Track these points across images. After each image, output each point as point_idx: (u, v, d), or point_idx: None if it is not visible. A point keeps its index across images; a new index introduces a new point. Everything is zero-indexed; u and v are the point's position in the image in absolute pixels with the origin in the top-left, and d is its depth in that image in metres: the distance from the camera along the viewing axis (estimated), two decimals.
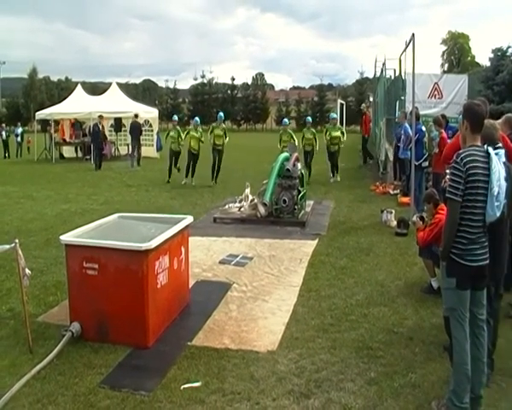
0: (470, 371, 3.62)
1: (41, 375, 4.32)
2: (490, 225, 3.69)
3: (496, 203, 3.57)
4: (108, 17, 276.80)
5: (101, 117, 21.51)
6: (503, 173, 3.63)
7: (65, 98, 27.33)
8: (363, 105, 24.69)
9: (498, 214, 3.63)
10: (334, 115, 17.29)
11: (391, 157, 15.46)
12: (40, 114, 25.11)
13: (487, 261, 3.69)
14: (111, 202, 12.48)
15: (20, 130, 28.20)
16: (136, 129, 20.98)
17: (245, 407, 3.89)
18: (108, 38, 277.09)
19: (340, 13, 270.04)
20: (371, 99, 37.62)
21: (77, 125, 25.54)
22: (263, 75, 70.74)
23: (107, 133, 23.76)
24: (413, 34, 9.37)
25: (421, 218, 6.40)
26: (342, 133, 16.44)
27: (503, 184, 3.62)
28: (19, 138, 27.73)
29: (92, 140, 21.63)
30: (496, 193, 3.55)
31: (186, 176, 16.05)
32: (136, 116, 21.44)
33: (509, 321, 5.28)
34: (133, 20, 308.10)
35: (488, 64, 21.45)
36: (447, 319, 3.85)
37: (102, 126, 21.87)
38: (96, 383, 4.20)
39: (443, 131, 10.85)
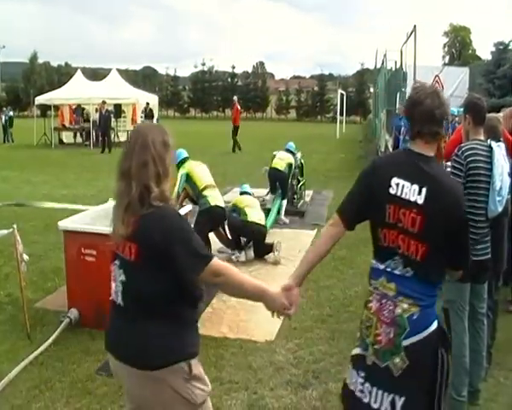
0: (468, 365, 3.63)
1: (39, 361, 4.32)
2: (491, 220, 3.68)
3: (498, 198, 3.54)
4: (110, 3, 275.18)
5: (104, 102, 21.70)
6: (506, 168, 3.60)
7: (64, 83, 27.16)
8: (235, 97, 25.14)
9: (500, 209, 3.60)
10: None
11: (390, 149, 15.43)
12: (40, 99, 24.98)
13: (489, 256, 3.67)
14: (110, 188, 12.34)
15: (11, 113, 27.32)
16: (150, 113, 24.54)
17: (242, 396, 3.89)
18: (109, 24, 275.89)
19: (343, 3, 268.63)
20: (372, 90, 37.62)
21: (78, 110, 25.39)
22: (263, 64, 70.31)
23: None
24: (414, 26, 9.35)
25: None
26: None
27: (507, 179, 3.60)
28: (7, 123, 26.52)
29: (100, 125, 21.96)
30: (498, 188, 3.52)
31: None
32: (148, 104, 24.72)
33: (508, 315, 5.28)
34: (135, 7, 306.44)
35: (489, 58, 21.41)
36: (446, 312, 3.85)
37: (107, 111, 22.00)
38: (93, 370, 4.20)
39: None
